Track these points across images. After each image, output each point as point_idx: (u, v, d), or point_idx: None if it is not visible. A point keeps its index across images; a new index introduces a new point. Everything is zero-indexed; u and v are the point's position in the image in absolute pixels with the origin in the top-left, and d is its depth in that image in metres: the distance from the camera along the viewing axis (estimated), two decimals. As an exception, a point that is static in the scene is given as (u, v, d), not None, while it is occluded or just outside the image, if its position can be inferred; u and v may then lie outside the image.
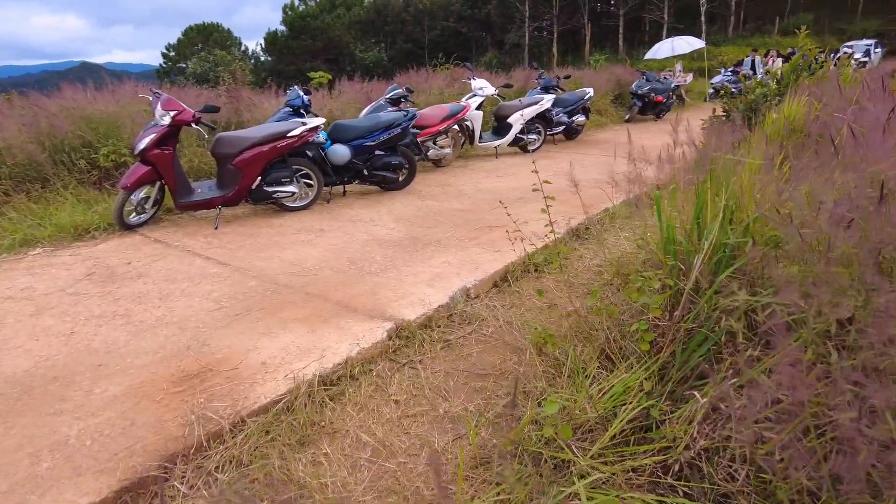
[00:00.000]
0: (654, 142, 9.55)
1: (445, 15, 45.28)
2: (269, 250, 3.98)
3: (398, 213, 4.97)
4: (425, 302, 3.08)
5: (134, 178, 4.20)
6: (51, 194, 4.93)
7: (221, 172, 4.53)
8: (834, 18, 35.74)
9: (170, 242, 4.18)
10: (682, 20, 37.12)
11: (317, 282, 3.38)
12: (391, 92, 6.45)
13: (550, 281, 3.59)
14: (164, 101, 4.24)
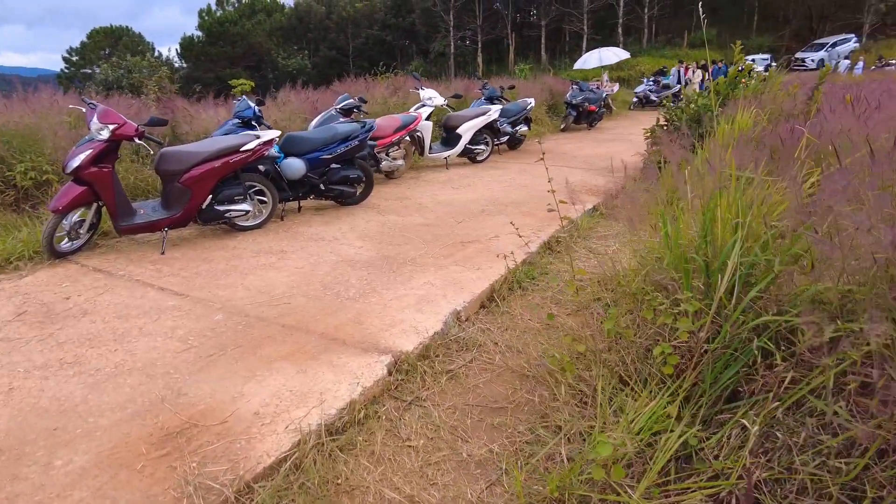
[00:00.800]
0: (597, 150, 9.85)
1: (370, 23, 44.85)
2: (229, 277, 3.62)
3: (361, 229, 4.72)
4: (418, 329, 2.88)
5: (67, 199, 3.70)
6: (-45, 219, 4.29)
7: (167, 191, 4.10)
8: (733, 34, 38.56)
9: (113, 271, 3.71)
10: (600, 32, 38.87)
11: (292, 311, 3.10)
12: (342, 102, 6.17)
13: (536, 298, 3.49)
14: (101, 112, 3.77)
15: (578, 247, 4.53)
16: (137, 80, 18.81)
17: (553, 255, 4.32)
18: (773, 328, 2.07)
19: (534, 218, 5.14)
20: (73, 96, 5.86)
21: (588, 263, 4.13)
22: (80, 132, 5.04)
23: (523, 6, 41.15)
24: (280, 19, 42.37)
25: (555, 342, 2.88)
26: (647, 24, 36.73)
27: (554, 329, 3.08)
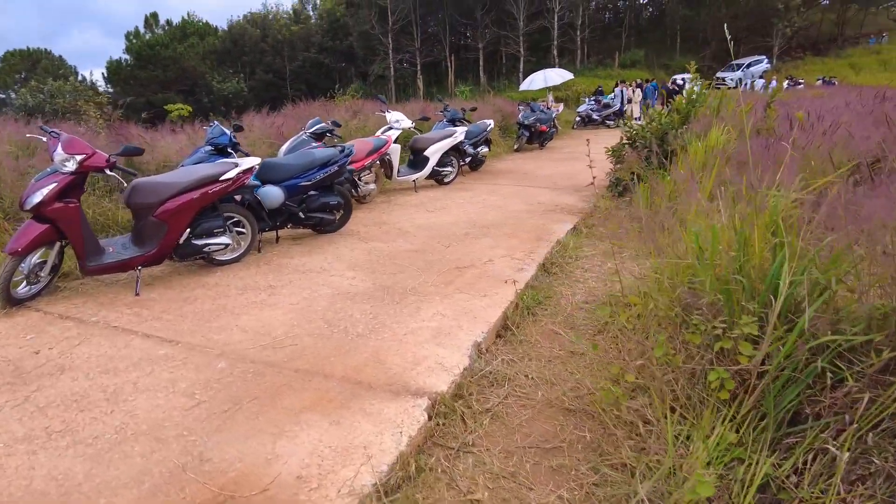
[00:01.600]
0: (557, 169, 9.98)
1: (306, 46, 44.38)
2: (220, 318, 3.32)
3: (348, 259, 4.50)
4: (445, 366, 2.71)
5: (27, 240, 3.30)
6: None
7: (140, 226, 3.74)
8: (659, 55, 41.01)
9: (83, 318, 3.32)
10: (535, 54, 40.18)
11: (301, 354, 2.85)
12: (314, 126, 5.93)
13: (549, 323, 3.40)
14: (65, 141, 3.39)
15: (572, 268, 4.49)
16: (62, 105, 17.67)
17: (550, 276, 4.25)
18: (832, 348, 2.05)
19: (518, 239, 5.08)
20: (11, 123, 5.31)
21: (592, 285, 4.09)
22: (26, 164, 4.57)
23: (460, 29, 41.95)
24: (213, 42, 41.23)
25: (586, 371, 2.79)
26: (580, 45, 38.27)
27: (579, 356, 2.99)
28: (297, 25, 43.81)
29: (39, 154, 4.78)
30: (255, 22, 43.55)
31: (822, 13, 41.37)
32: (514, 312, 3.43)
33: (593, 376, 2.75)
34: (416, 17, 39.41)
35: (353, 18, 39.37)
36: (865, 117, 5.78)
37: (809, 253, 2.29)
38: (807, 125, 5.57)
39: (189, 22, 43.45)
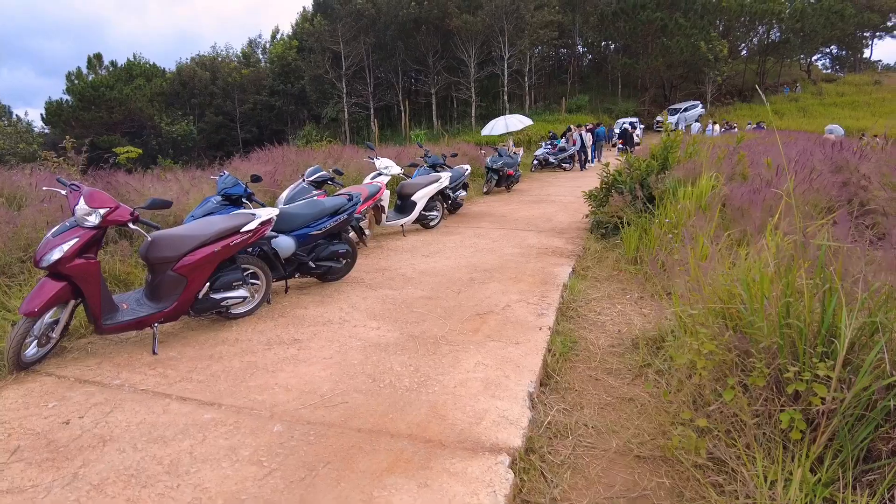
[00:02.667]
0: (532, 212, 10.23)
1: (257, 89, 44.29)
2: (255, 376, 3.18)
3: (364, 308, 4.43)
4: (509, 419, 2.69)
5: (44, 299, 3.08)
6: None
7: (158, 281, 3.56)
8: (602, 99, 43.28)
9: (105, 382, 3.10)
10: (486, 99, 41.59)
11: (357, 412, 2.77)
12: (315, 174, 5.88)
13: (585, 369, 3.45)
14: (88, 194, 3.23)
15: (585, 311, 4.59)
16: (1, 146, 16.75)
17: (569, 320, 4.32)
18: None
19: (525, 284, 5.15)
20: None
21: (611, 328, 4.18)
22: (12, 215, 4.30)
23: (413, 75, 42.99)
24: (161, 84, 40.46)
25: (642, 417, 2.84)
26: (528, 91, 39.91)
27: (628, 402, 3.04)
28: (247, 69, 43.71)
29: (31, 204, 4.49)
30: (204, 64, 43.16)
31: (745, 64, 45.05)
32: (553, 359, 3.46)
33: (652, 422, 2.80)
34: (370, 63, 40.17)
35: (306, 63, 39.67)
36: (825, 163, 6.29)
37: (858, 296, 2.45)
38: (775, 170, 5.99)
39: (135, 63, 42.61)
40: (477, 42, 36.22)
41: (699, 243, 4.60)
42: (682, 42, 36.24)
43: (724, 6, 38.20)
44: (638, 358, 3.57)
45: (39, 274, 4.18)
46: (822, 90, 39.92)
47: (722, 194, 5.41)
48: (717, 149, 8.25)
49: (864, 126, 28.65)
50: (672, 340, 3.52)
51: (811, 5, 41.05)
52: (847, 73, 46.25)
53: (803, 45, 43.05)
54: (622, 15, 38.78)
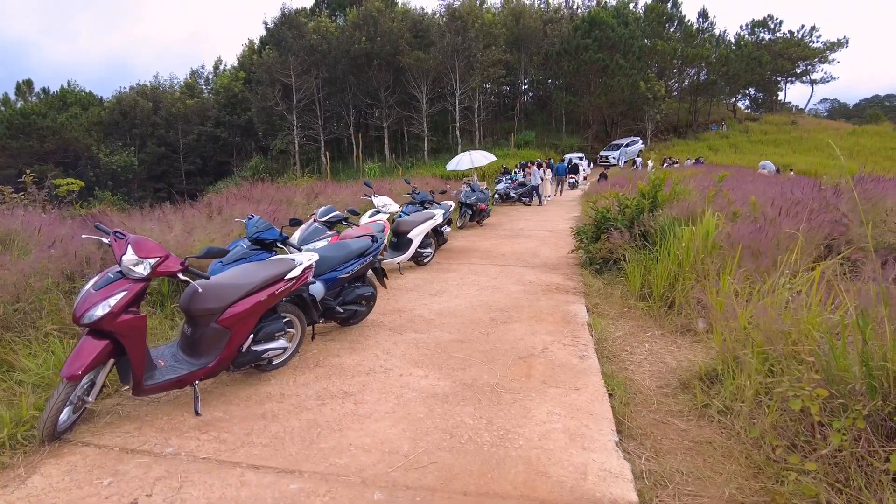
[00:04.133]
0: (514, 247, 10.32)
1: (202, 119, 43.11)
2: (323, 437, 2.96)
3: (401, 354, 4.26)
4: (611, 471, 2.64)
5: (87, 360, 2.77)
6: None
7: (199, 335, 3.28)
8: (548, 135, 44.84)
9: (155, 450, 2.80)
10: (437, 133, 42.18)
11: (452, 473, 2.62)
12: (328, 214, 5.68)
13: (648, 412, 3.43)
14: (135, 242, 2.96)
15: (616, 350, 4.60)
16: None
17: (607, 361, 4.31)
18: None
19: (548, 323, 5.14)
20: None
21: (649, 368, 4.21)
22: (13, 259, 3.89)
23: (364, 109, 43.09)
24: (99, 113, 38.61)
25: (728, 461, 2.83)
26: (478, 127, 40.82)
27: (704, 444, 3.04)
28: (192, 99, 42.48)
29: (35, 248, 4.03)
30: (145, 94, 41.65)
31: (679, 103, 48.09)
32: (618, 404, 3.43)
33: (741, 465, 2.80)
34: (320, 96, 39.99)
35: (254, 95, 39.04)
36: (805, 202, 6.69)
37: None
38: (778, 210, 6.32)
39: (69, 91, 40.58)
40: (429, 78, 36.86)
41: (723, 283, 4.76)
42: (622, 81, 38.30)
43: (658, 49, 40.82)
44: (692, 398, 3.60)
45: (44, 328, 3.79)
46: (748, 128, 43.09)
47: (725, 233, 5.63)
48: (700, 187, 8.64)
49: (788, 162, 31.05)
50: (728, 381, 3.57)
51: (734, 51, 44.56)
52: (766, 114, 50.15)
53: (728, 86, 46.56)
54: (566, 55, 40.63)
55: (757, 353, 3.40)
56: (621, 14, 42.73)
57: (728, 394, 3.43)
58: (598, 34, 39.22)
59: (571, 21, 45.98)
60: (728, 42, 47.60)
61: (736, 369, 3.57)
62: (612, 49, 39.14)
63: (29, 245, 4.10)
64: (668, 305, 5.53)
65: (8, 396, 3.22)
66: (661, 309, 5.52)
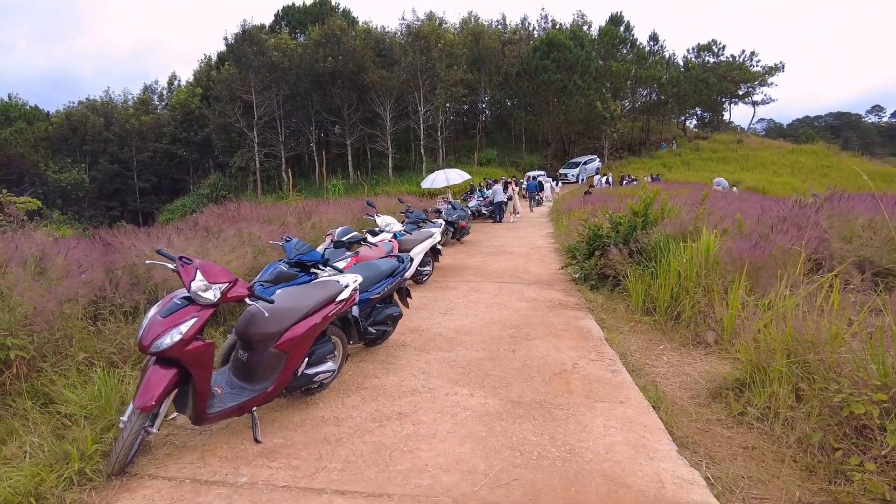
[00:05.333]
0: (503, 264, 10.50)
1: (157, 136, 41.87)
2: (396, 458, 2.98)
3: (438, 373, 4.30)
4: (685, 479, 2.78)
5: (159, 389, 2.70)
6: None
7: (256, 360, 3.24)
8: (508, 153, 45.71)
9: (230, 480, 2.75)
10: (400, 151, 42.31)
11: (537, 489, 2.70)
12: (345, 234, 5.66)
13: (688, 421, 3.59)
14: (203, 268, 2.92)
15: (638, 364, 4.77)
16: None
17: (635, 374, 4.47)
18: None
19: (567, 339, 5.29)
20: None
21: (674, 380, 4.39)
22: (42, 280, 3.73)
23: (327, 126, 42.85)
24: (46, 128, 36.90)
25: (781, 465, 3.00)
26: (441, 145, 41.24)
27: (751, 450, 3.20)
28: (147, 115, 41.21)
29: (66, 274, 3.84)
30: (96, 109, 40.13)
31: (632, 122, 50.01)
32: (664, 416, 3.58)
33: (792, 468, 2.97)
34: (281, 113, 39.57)
35: (214, 111, 38.28)
36: (791, 219, 7.12)
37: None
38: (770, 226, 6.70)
39: (12, 105, 38.66)
40: (392, 97, 37.08)
41: (733, 297, 5.03)
42: (580, 101, 39.61)
43: (613, 70, 42.47)
44: (725, 406, 3.78)
45: (77, 357, 3.65)
46: (699, 146, 45.20)
47: (726, 248, 5.94)
48: (686, 205, 9.03)
49: (737, 179, 32.69)
50: (758, 389, 3.77)
51: (683, 73, 46.86)
52: (714, 133, 52.79)
53: (678, 106, 48.82)
54: (525, 75, 41.74)
55: (786, 363, 3.63)
56: (577, 36, 44.31)
57: (761, 401, 3.63)
58: (556, 55, 40.51)
59: (528, 42, 47.34)
60: (677, 64, 50.02)
61: (765, 377, 3.78)
62: (569, 70, 40.48)
63: (48, 269, 3.92)
64: (673, 319, 5.77)
65: (56, 430, 3.09)
66: (667, 323, 5.75)
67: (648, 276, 6.59)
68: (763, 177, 33.64)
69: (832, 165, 39.01)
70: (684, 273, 5.91)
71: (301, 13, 45.17)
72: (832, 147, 45.79)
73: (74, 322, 3.76)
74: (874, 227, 6.83)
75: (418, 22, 40.17)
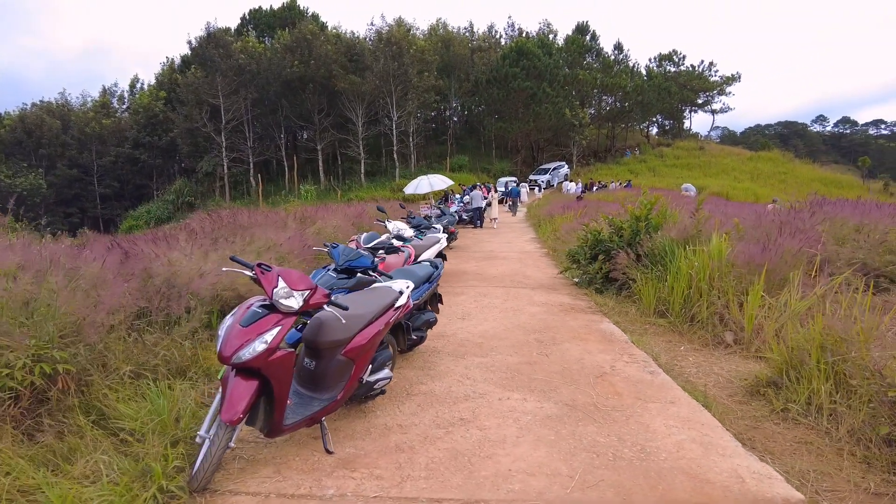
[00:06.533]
0: (500, 269, 10.62)
1: (118, 140, 40.43)
2: (478, 464, 2.98)
3: (482, 379, 4.31)
4: (761, 473, 2.88)
5: (245, 402, 2.63)
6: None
7: (323, 368, 3.19)
8: (479, 159, 46.08)
9: (318, 493, 2.70)
10: (371, 156, 42.10)
11: (626, 489, 2.75)
12: (372, 240, 5.60)
13: (734, 418, 3.70)
14: (286, 274, 2.86)
15: (671, 365, 4.89)
16: None
17: (671, 374, 4.57)
18: None
19: (593, 342, 5.38)
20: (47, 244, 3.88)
21: (704, 379, 4.51)
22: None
23: (297, 131, 42.27)
24: (-1, 131, 35.20)
25: (841, 455, 3.14)
26: (413, 151, 41.25)
27: (807, 444, 3.34)
28: (108, 119, 39.77)
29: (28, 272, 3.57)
30: (52, 111, 38.49)
31: (598, 129, 51.16)
32: (715, 413, 3.69)
33: (850, 461, 3.11)
34: (249, 118, 38.84)
35: (179, 115, 37.25)
36: (790, 224, 7.42)
37: None
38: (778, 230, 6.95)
39: (-41, 108, 36.64)
40: (364, 102, 36.89)
41: (753, 298, 5.21)
42: (549, 109, 40.30)
43: (580, 78, 43.38)
44: (766, 404, 3.92)
45: (122, 369, 3.50)
46: (663, 153, 46.57)
47: (738, 251, 6.15)
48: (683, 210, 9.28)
49: (702, 184, 33.81)
50: (795, 386, 3.92)
51: (646, 82, 48.24)
52: (676, 140, 54.48)
53: (642, 114, 50.22)
54: (495, 83, 42.20)
55: (822, 359, 3.78)
56: (545, 44, 45.12)
57: (802, 398, 3.77)
58: (525, 63, 41.13)
59: (497, 50, 47.92)
60: (640, 73, 51.45)
61: (799, 374, 3.94)
62: (538, 77, 41.15)
63: (78, 277, 3.74)
64: (688, 321, 5.93)
65: (116, 447, 2.96)
66: (683, 324, 5.91)
67: (655, 279, 6.76)
68: (725, 183, 34.89)
69: (788, 172, 40.84)
70: (696, 276, 6.09)
71: (269, 17, 44.53)
72: (787, 154, 47.95)
73: (118, 333, 3.62)
74: (864, 231, 7.21)
75: (387, 27, 40.15)
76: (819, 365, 3.76)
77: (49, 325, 3.30)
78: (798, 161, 47.36)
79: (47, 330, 3.28)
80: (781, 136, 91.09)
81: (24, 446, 2.82)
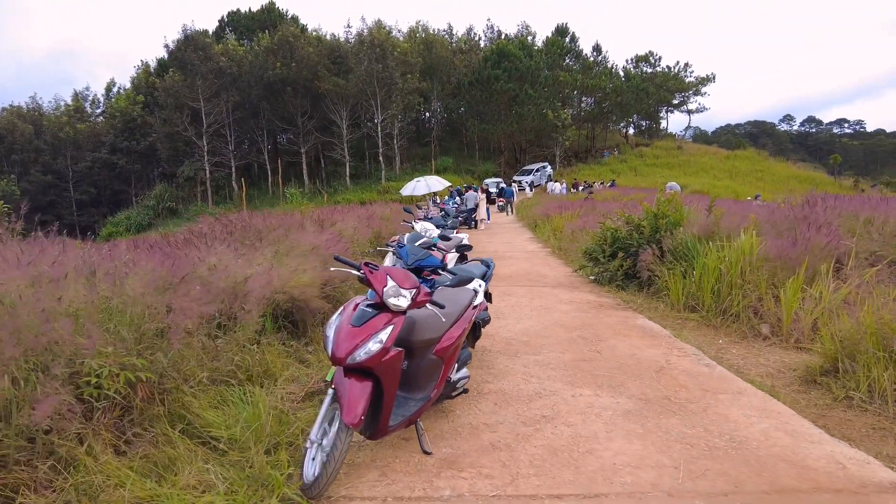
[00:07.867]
0: (512, 268, 10.65)
1: (95, 145, 39.43)
2: (580, 460, 3.01)
3: (547, 376, 4.34)
4: (857, 459, 2.97)
5: (364, 402, 2.60)
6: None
7: (415, 368, 3.17)
8: (463, 161, 46.21)
9: (433, 495, 2.68)
10: (355, 159, 41.88)
11: (733, 477, 2.81)
12: (417, 240, 5.55)
13: (805, 409, 3.80)
14: (394, 274, 2.84)
15: (717, 357, 4.97)
16: None
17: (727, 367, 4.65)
18: None
19: (636, 338, 5.45)
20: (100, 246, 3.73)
21: (760, 370, 4.61)
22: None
23: (281, 134, 41.82)
24: (-33, 138, 33.99)
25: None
26: (398, 153, 41.17)
27: (878, 430, 3.43)
28: (83, 123, 38.76)
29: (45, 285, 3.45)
30: (23, 116, 37.36)
31: (578, 130, 51.76)
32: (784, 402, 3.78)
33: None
34: (231, 121, 38.29)
35: (158, 119, 36.51)
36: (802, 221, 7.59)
37: None
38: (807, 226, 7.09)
39: (-75, 113, 35.34)
40: (348, 104, 36.68)
41: (792, 291, 5.34)
42: (532, 110, 40.64)
43: (561, 80, 43.85)
44: (825, 392, 4.02)
45: (198, 376, 3.43)
46: (643, 153, 47.34)
47: (768, 246, 6.29)
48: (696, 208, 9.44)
49: (684, 183, 34.43)
50: (854, 374, 4.03)
51: (625, 83, 49.00)
52: (655, 140, 55.43)
53: (620, 115, 50.99)
54: (477, 85, 42.38)
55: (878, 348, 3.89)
56: (526, 46, 45.48)
57: (863, 386, 3.88)
58: (507, 65, 41.40)
59: (478, 52, 48.12)
60: (618, 74, 52.22)
61: (854, 363, 4.05)
62: (520, 79, 41.46)
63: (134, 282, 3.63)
64: (720, 315, 6.05)
65: (213, 455, 2.90)
66: (716, 318, 6.02)
67: (680, 275, 6.88)
68: (705, 181, 35.64)
69: (764, 170, 41.91)
70: (727, 271, 6.21)
71: (248, 19, 43.97)
72: (762, 153, 49.19)
73: (196, 339, 3.54)
74: (876, 224, 7.44)
75: (366, 30, 39.99)
76: (880, 353, 3.88)
77: (128, 332, 3.22)
78: (773, 159, 48.62)
79: (126, 336, 3.20)
80: (751, 135, 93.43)
81: (125, 458, 2.75)
